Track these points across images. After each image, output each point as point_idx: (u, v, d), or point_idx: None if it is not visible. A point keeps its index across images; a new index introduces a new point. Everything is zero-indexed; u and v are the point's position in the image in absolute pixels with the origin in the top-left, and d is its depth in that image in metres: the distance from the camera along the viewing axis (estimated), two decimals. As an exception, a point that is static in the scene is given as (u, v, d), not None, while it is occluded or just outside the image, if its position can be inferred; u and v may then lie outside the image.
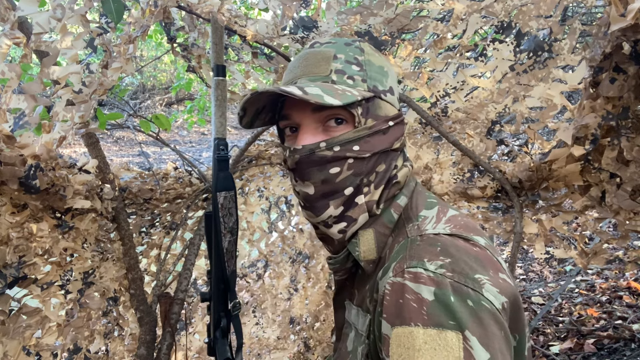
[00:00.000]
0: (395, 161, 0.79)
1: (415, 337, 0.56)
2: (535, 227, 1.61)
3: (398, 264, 0.64)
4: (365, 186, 0.75)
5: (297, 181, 0.77)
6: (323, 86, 0.71)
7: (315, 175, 0.74)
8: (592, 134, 1.29)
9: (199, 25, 1.55)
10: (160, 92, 14.50)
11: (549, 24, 1.32)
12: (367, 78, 0.76)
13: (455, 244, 0.65)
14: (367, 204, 0.76)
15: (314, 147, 0.73)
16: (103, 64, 1.18)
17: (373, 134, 0.75)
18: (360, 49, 0.78)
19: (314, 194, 0.75)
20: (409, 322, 0.57)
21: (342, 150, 0.73)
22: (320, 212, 0.75)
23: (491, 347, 0.55)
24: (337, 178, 0.73)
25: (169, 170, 1.79)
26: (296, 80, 0.77)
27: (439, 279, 0.59)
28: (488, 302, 0.58)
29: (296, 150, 0.74)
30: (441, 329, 0.55)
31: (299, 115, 0.75)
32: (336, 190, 0.74)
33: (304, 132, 0.75)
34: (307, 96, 0.66)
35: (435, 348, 0.54)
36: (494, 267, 0.64)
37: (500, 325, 0.58)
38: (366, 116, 0.74)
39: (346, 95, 0.70)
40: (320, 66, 0.75)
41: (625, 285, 3.12)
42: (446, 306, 0.57)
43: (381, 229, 0.76)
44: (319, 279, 2.47)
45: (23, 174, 1.02)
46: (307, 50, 0.79)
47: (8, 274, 1.11)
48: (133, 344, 1.68)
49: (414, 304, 0.58)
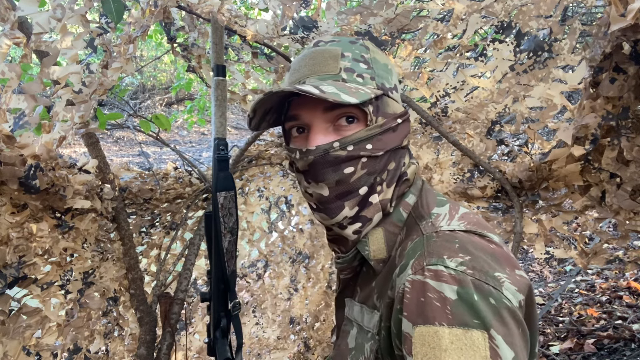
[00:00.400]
0: (403, 158, 0.79)
1: (441, 337, 0.55)
2: (535, 227, 1.61)
3: (417, 260, 0.63)
4: (378, 185, 0.75)
5: (309, 183, 0.75)
6: (336, 84, 0.70)
7: (330, 176, 0.72)
8: (592, 134, 1.29)
9: (199, 25, 1.55)
10: (160, 92, 14.49)
11: (549, 24, 1.32)
12: (375, 76, 0.76)
13: (472, 241, 0.65)
14: (382, 202, 0.76)
15: (328, 147, 0.71)
16: (103, 64, 1.18)
17: (384, 132, 0.74)
18: (366, 47, 0.78)
19: (328, 195, 0.74)
20: (433, 322, 0.57)
21: (355, 149, 0.72)
22: (335, 213, 0.74)
23: (515, 345, 0.55)
24: (352, 178, 0.73)
25: (169, 170, 1.79)
26: (304, 79, 0.75)
27: (460, 276, 0.59)
28: (508, 300, 0.58)
29: (309, 151, 0.72)
30: (467, 328, 0.55)
31: (308, 115, 0.74)
32: (351, 191, 0.73)
33: (316, 132, 0.73)
34: (325, 94, 0.65)
35: (462, 348, 0.54)
36: (510, 264, 0.64)
37: (518, 323, 0.58)
38: (377, 114, 0.74)
39: (360, 94, 0.69)
40: (328, 65, 0.74)
41: (625, 285, 3.12)
42: (470, 305, 0.56)
43: (390, 228, 0.76)
44: (319, 279, 2.47)
45: (23, 174, 1.02)
46: (312, 49, 0.77)
47: (8, 274, 1.11)
48: (133, 344, 1.68)
49: (437, 303, 0.58)
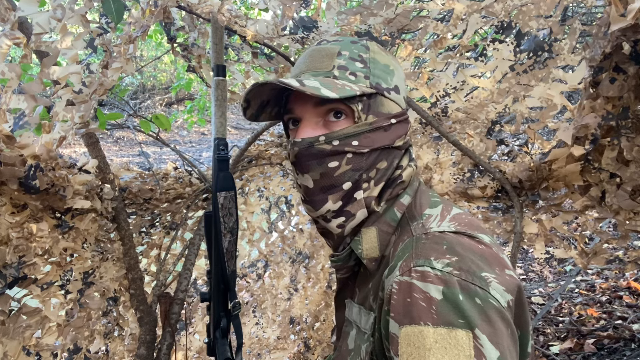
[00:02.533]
0: (398, 159, 0.79)
1: (425, 337, 0.56)
2: (535, 227, 1.61)
3: (404, 262, 0.64)
4: (364, 182, 0.76)
5: (297, 174, 0.78)
6: (323, 80, 0.72)
7: (315, 169, 0.75)
8: (592, 134, 1.29)
9: (199, 25, 1.55)
10: (160, 92, 14.48)
11: (549, 24, 1.31)
12: (370, 75, 0.76)
13: (461, 242, 0.65)
14: (366, 199, 0.76)
15: (313, 140, 0.74)
16: (103, 64, 1.18)
17: (373, 130, 0.75)
18: (366, 47, 0.79)
19: (313, 187, 0.76)
20: (418, 321, 0.57)
21: (340, 144, 0.73)
22: (319, 205, 0.76)
23: (500, 345, 0.55)
24: (336, 172, 0.74)
25: (169, 170, 1.79)
26: (300, 75, 0.78)
27: (446, 277, 0.59)
28: (495, 300, 0.58)
29: (296, 142, 0.75)
30: (451, 327, 0.55)
31: (300, 109, 0.77)
32: (334, 185, 0.75)
33: (305, 125, 0.76)
34: (304, 88, 0.67)
35: (446, 347, 0.55)
36: (499, 264, 0.64)
37: (506, 323, 0.58)
38: (367, 112, 0.75)
39: (345, 90, 0.71)
40: (323, 62, 0.77)
41: (625, 285, 3.12)
42: (455, 305, 0.57)
43: (384, 227, 0.77)
44: (319, 279, 2.47)
45: (23, 174, 1.02)
46: (314, 47, 0.81)
47: (8, 274, 1.11)
48: (133, 344, 1.68)
49: (423, 303, 0.58)
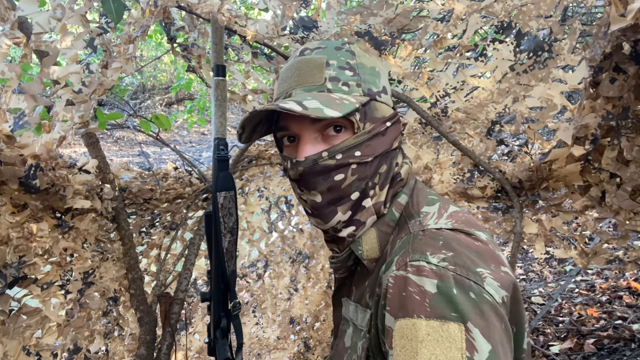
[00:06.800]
0: (395, 159, 0.80)
1: (418, 329, 0.56)
2: (535, 227, 1.61)
3: (401, 257, 0.65)
4: (371, 189, 0.76)
5: (302, 191, 0.77)
6: (320, 97, 0.70)
7: (321, 184, 0.74)
8: (592, 134, 1.29)
9: (199, 25, 1.55)
10: (160, 92, 14.48)
11: (549, 24, 1.31)
12: (361, 82, 0.76)
13: (457, 238, 0.66)
14: (375, 206, 0.77)
15: (317, 158, 0.73)
16: (103, 64, 1.18)
17: (373, 137, 0.75)
18: (351, 52, 0.77)
19: (321, 201, 0.75)
20: (412, 314, 0.58)
21: (344, 157, 0.73)
22: (328, 218, 0.76)
23: (492, 339, 0.56)
24: (343, 184, 0.74)
25: (169, 170, 1.79)
26: (290, 91, 0.76)
27: (441, 271, 0.60)
28: (489, 295, 0.59)
29: (299, 162, 0.74)
30: (444, 320, 0.56)
31: (297, 126, 0.75)
32: (343, 196, 0.75)
33: (305, 142, 0.74)
34: (308, 111, 0.66)
35: (438, 339, 0.55)
36: (495, 260, 0.65)
37: (500, 318, 0.59)
38: (364, 120, 0.74)
39: (345, 105, 0.70)
40: (314, 75, 0.74)
41: (625, 285, 3.12)
42: (449, 298, 0.57)
43: (383, 228, 0.77)
44: (319, 279, 2.47)
45: (23, 174, 1.02)
46: (298, 58, 0.78)
47: (8, 274, 1.11)
48: (133, 344, 1.68)
49: (417, 297, 0.59)
